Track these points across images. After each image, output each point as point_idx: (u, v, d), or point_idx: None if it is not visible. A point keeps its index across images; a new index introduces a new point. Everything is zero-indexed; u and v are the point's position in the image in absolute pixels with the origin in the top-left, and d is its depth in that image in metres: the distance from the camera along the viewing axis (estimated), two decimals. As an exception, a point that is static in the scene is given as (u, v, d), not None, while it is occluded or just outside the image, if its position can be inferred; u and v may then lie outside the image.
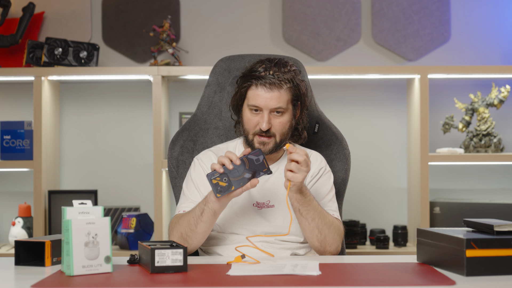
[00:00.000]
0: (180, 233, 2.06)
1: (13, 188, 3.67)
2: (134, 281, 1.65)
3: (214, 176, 1.94)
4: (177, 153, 2.40)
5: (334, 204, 2.21)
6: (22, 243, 1.88)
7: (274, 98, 2.11)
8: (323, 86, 3.62)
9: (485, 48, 3.66)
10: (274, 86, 2.11)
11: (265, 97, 2.10)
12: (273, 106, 2.11)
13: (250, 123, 2.14)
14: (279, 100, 2.11)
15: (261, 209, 2.15)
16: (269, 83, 2.10)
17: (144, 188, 3.64)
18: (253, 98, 2.12)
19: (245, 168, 1.95)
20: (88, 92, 3.70)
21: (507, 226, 1.74)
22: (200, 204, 2.03)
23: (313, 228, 2.06)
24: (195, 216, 2.03)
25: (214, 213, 2.01)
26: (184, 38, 3.69)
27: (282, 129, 2.14)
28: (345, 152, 2.41)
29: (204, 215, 2.00)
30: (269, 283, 1.61)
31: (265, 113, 2.11)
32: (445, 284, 1.58)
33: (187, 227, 2.04)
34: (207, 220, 2.02)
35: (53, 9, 3.68)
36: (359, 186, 3.61)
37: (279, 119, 2.13)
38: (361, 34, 3.67)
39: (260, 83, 2.11)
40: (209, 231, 2.07)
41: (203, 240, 2.08)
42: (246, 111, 2.16)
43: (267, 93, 2.10)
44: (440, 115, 3.60)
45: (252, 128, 2.14)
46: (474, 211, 3.35)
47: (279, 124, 2.13)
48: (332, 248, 2.10)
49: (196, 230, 2.03)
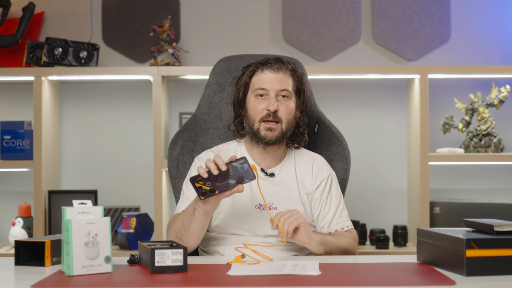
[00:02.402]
0: (175, 232, 2.06)
1: (13, 188, 3.67)
2: (134, 281, 1.65)
3: (197, 180, 1.90)
4: (177, 153, 2.40)
5: (345, 212, 2.25)
6: (22, 243, 1.88)
7: (280, 80, 2.14)
8: (323, 86, 3.62)
9: (485, 48, 3.66)
10: (280, 69, 2.15)
11: (272, 79, 2.14)
12: (279, 87, 2.14)
13: (256, 109, 2.15)
14: (285, 82, 2.15)
15: (264, 211, 2.14)
16: (275, 67, 2.15)
17: (144, 188, 3.64)
18: (259, 81, 2.15)
19: (230, 174, 1.91)
20: (88, 92, 3.70)
21: (507, 226, 1.74)
22: (192, 203, 2.02)
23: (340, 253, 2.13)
24: (188, 216, 2.02)
25: (206, 213, 1.99)
26: (184, 38, 3.69)
27: (288, 115, 2.15)
28: (345, 152, 2.41)
29: (196, 214, 1.99)
30: (269, 283, 1.61)
31: (271, 94, 2.13)
32: (445, 284, 1.58)
33: (181, 227, 2.04)
34: (199, 219, 2.00)
35: (53, 9, 3.68)
36: (359, 186, 3.61)
37: (286, 103, 2.15)
38: (361, 34, 3.67)
39: (265, 67, 2.16)
40: (203, 231, 2.05)
41: (198, 239, 2.06)
42: (251, 99, 2.17)
43: (274, 75, 2.14)
44: (440, 115, 3.60)
45: (258, 114, 2.14)
46: (474, 211, 3.35)
47: (285, 109, 2.15)
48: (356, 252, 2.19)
49: (189, 229, 2.02)
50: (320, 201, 2.22)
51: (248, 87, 2.19)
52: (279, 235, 1.94)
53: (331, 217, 2.22)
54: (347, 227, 2.23)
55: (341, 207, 2.25)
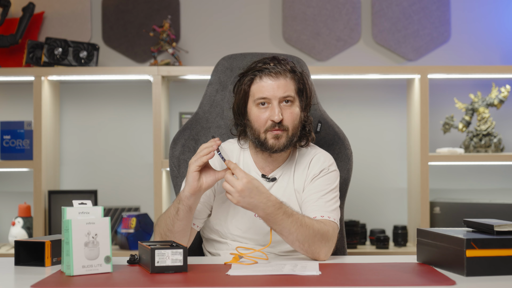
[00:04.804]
0: (160, 234, 2.05)
1: (13, 188, 3.67)
2: (134, 281, 1.65)
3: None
4: (179, 152, 2.40)
5: (332, 206, 2.07)
6: (22, 243, 1.88)
7: (281, 86, 2.04)
8: (323, 86, 3.62)
9: (485, 48, 3.66)
10: (279, 74, 2.05)
11: (272, 86, 2.04)
12: (281, 94, 2.04)
13: (260, 120, 2.05)
14: (286, 88, 2.05)
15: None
16: (274, 72, 2.04)
17: (144, 188, 3.64)
18: (259, 90, 2.05)
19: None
20: (88, 92, 3.70)
21: (507, 226, 1.74)
22: (174, 203, 2.01)
23: (293, 240, 1.95)
24: (171, 216, 2.01)
25: (190, 209, 1.98)
26: (184, 38, 3.69)
27: (294, 121, 2.06)
28: (347, 152, 2.38)
29: (180, 213, 1.98)
30: (269, 283, 1.61)
31: (274, 103, 2.04)
32: (445, 284, 1.58)
33: (165, 228, 2.03)
34: (183, 218, 1.99)
35: (53, 9, 3.68)
36: (359, 186, 3.61)
37: (290, 110, 2.05)
38: (361, 34, 3.67)
39: (264, 73, 2.05)
40: (188, 229, 2.04)
41: (184, 238, 2.05)
42: (253, 109, 2.07)
43: (274, 82, 2.04)
44: (440, 115, 3.60)
45: (262, 125, 2.05)
46: (474, 211, 3.35)
47: (290, 115, 2.05)
48: (320, 256, 1.97)
49: (173, 229, 2.01)
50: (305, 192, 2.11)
51: (248, 96, 2.09)
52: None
53: (312, 203, 2.06)
54: (328, 217, 2.03)
55: (328, 199, 2.08)
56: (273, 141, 2.05)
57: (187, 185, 1.96)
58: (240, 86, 2.11)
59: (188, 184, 1.96)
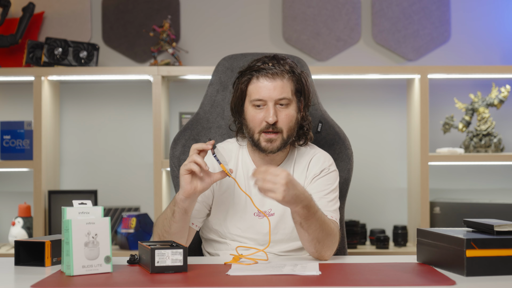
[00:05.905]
0: (158, 235, 2.06)
1: (13, 188, 3.67)
2: (134, 281, 1.65)
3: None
4: (179, 152, 2.40)
5: (333, 206, 2.10)
6: (22, 243, 1.88)
7: (278, 87, 2.04)
8: (323, 86, 3.62)
9: (485, 48, 3.66)
10: (276, 75, 2.04)
11: (268, 88, 2.04)
12: (277, 96, 2.04)
13: (255, 121, 2.06)
14: (282, 89, 2.04)
15: (262, 218, 2.10)
16: (271, 73, 2.04)
17: (144, 188, 3.64)
18: (255, 91, 2.05)
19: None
20: (88, 92, 3.70)
21: (507, 226, 1.74)
22: (170, 205, 2.01)
23: (313, 238, 1.93)
24: (168, 218, 2.01)
25: (186, 212, 1.98)
26: (184, 38, 3.69)
27: (289, 123, 2.06)
28: (348, 152, 2.38)
29: (176, 215, 1.98)
30: (269, 283, 1.61)
31: (270, 105, 2.04)
32: (445, 284, 1.58)
33: (162, 229, 2.03)
34: (179, 220, 1.99)
35: (53, 9, 3.68)
36: (359, 186, 3.61)
37: (285, 112, 2.05)
38: (361, 34, 3.67)
39: (261, 74, 2.05)
40: (185, 230, 2.04)
41: (182, 239, 2.05)
42: (249, 109, 2.08)
43: (270, 83, 2.04)
44: (440, 115, 3.60)
45: (257, 125, 2.06)
46: (474, 211, 3.35)
47: (285, 117, 2.05)
48: (326, 254, 1.98)
49: (170, 231, 2.01)
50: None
51: (245, 95, 2.10)
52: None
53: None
54: (331, 217, 2.05)
55: (330, 198, 2.09)
56: (266, 144, 2.06)
57: (181, 188, 1.96)
58: (238, 84, 2.12)
59: (182, 187, 1.96)
